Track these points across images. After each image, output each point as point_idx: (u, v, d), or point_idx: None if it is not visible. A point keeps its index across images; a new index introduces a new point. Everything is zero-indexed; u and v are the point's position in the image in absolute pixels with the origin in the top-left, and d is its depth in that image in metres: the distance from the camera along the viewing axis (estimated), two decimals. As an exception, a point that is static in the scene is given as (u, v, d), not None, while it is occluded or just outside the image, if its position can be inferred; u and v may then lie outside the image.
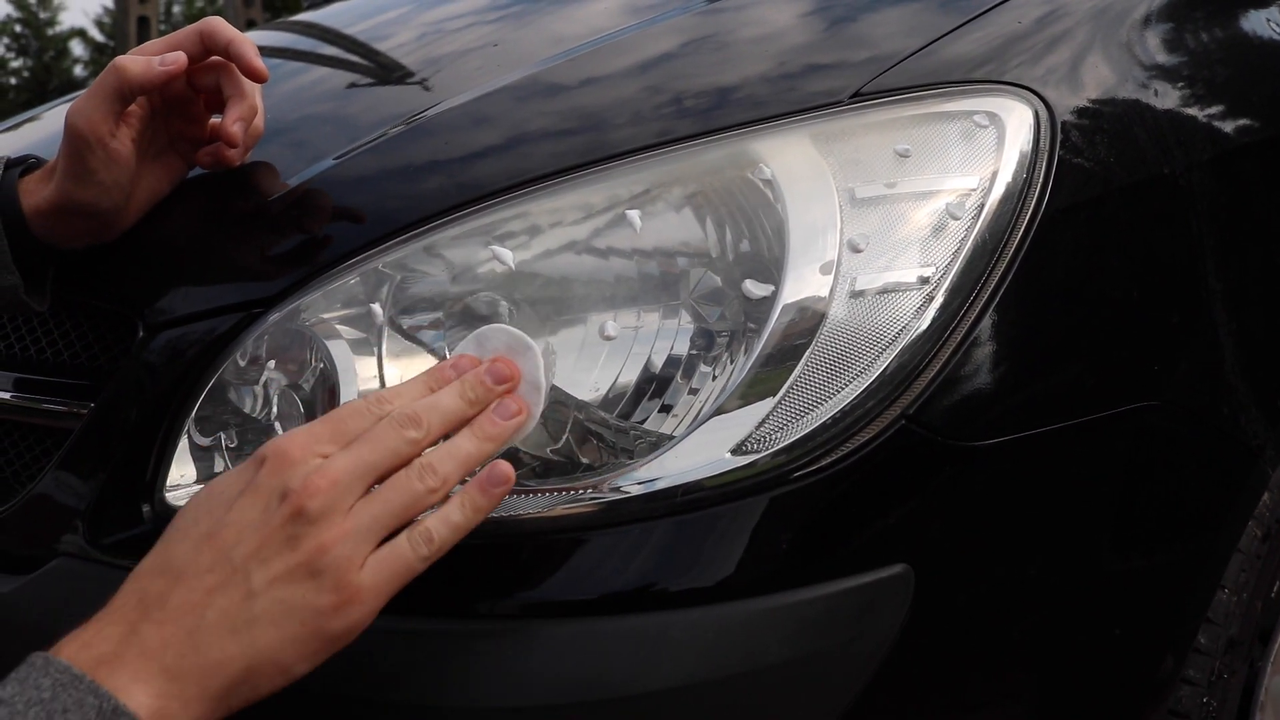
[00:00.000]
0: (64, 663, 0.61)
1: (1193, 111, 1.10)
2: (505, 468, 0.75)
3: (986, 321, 0.88)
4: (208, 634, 0.65)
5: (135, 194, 1.01)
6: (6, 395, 1.05)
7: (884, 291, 0.86)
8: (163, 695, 0.63)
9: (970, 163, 0.92)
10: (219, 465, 0.91)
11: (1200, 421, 1.02)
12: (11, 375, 1.06)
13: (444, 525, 0.72)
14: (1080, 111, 0.99)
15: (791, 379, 0.84)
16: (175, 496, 0.91)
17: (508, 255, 0.89)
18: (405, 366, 0.87)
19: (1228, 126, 1.13)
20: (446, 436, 0.76)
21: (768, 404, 0.84)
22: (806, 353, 0.84)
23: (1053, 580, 0.93)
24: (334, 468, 0.69)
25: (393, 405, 0.75)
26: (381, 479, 0.72)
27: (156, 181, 1.03)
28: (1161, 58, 1.12)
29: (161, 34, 1.06)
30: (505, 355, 0.80)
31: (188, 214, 1.05)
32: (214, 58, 1.00)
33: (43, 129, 1.62)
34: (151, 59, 0.95)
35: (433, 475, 0.72)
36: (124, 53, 0.99)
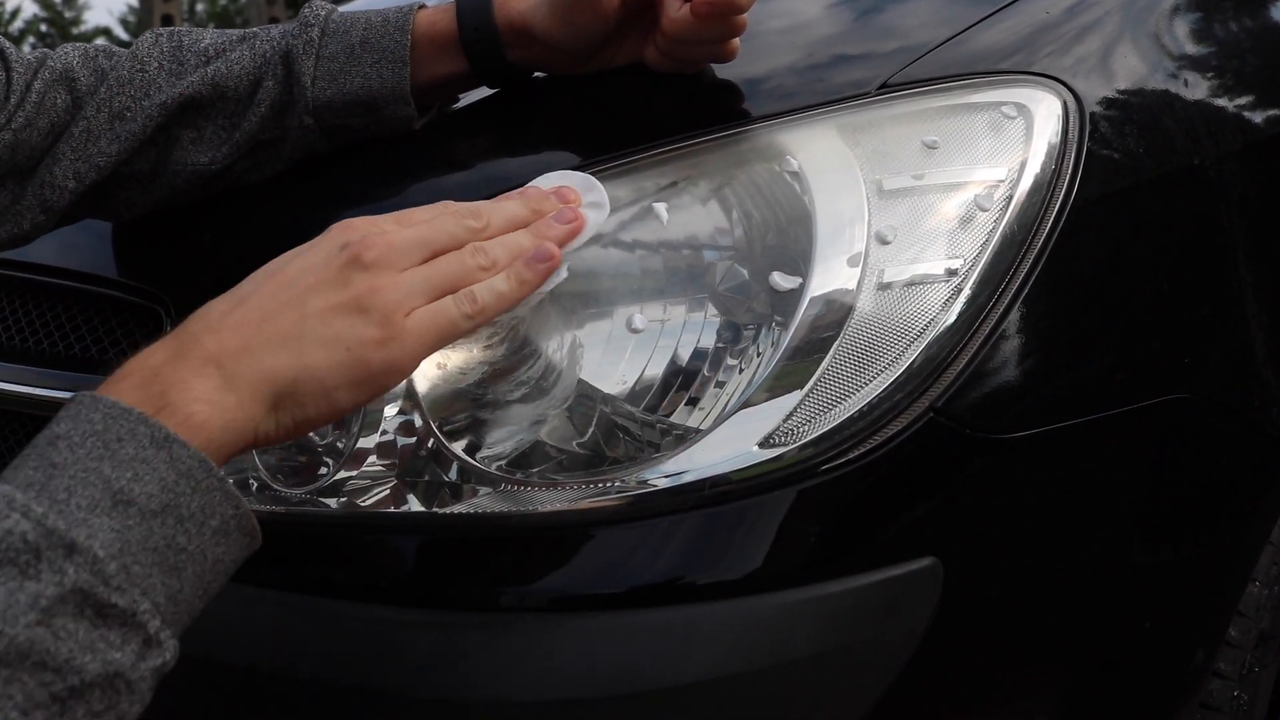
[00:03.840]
0: (110, 399, 0.64)
1: (1223, 102, 1.09)
2: (552, 247, 0.79)
3: (1015, 314, 0.87)
4: (263, 344, 0.69)
5: (606, 50, 1.02)
6: (28, 390, 1.05)
7: (912, 284, 0.86)
8: (220, 390, 0.67)
9: (998, 154, 0.91)
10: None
11: (1231, 414, 1.01)
12: (34, 370, 1.07)
13: (488, 291, 0.76)
14: (1109, 102, 0.98)
15: (819, 372, 0.84)
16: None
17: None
18: (432, 361, 0.87)
19: (1258, 117, 1.12)
20: None
21: (795, 397, 0.83)
22: (834, 345, 0.84)
23: (1082, 574, 0.92)
24: (393, 234, 0.74)
25: (461, 205, 0.80)
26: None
27: (633, 47, 1.03)
28: (1191, 48, 1.11)
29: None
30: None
31: (212, 207, 1.05)
32: None
33: None
34: None
35: (484, 255, 0.76)
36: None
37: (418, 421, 0.87)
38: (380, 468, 0.88)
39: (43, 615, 0.56)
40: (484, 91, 1.07)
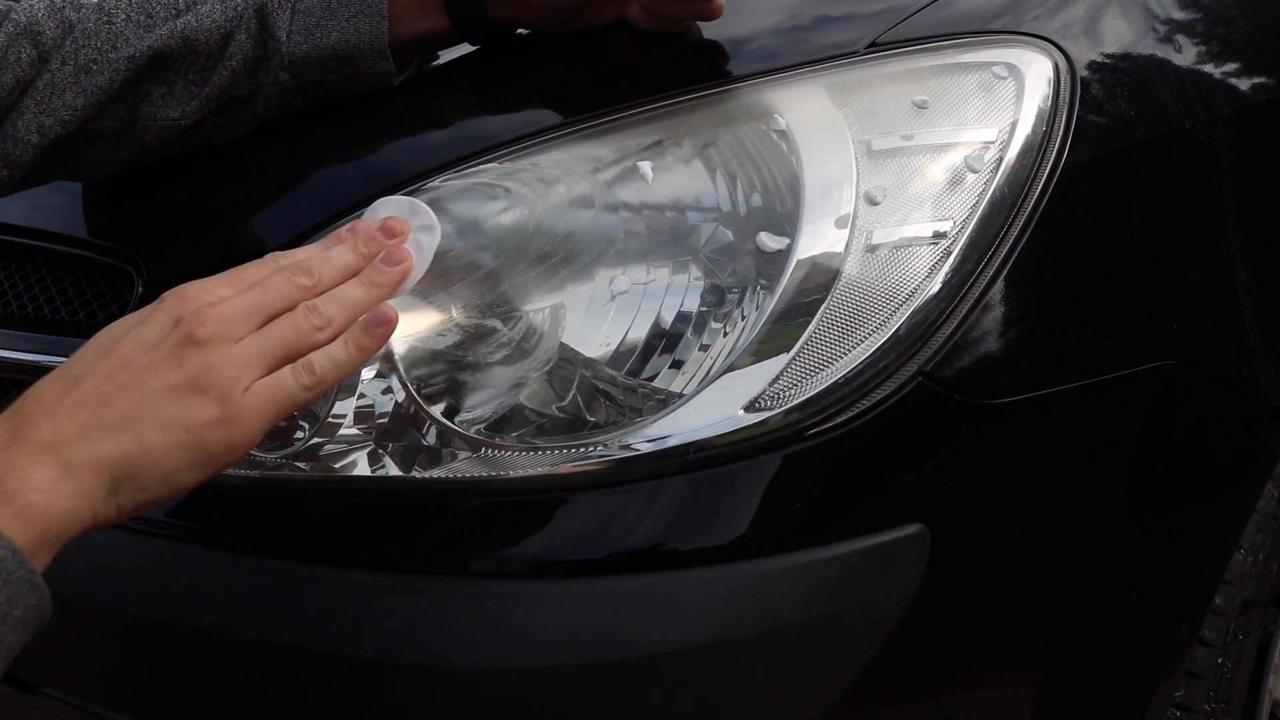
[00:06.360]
0: None
1: (1214, 66, 1.08)
2: (389, 310, 0.76)
3: (1004, 277, 0.86)
4: (99, 429, 0.67)
5: (591, 7, 1.01)
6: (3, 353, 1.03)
7: (901, 246, 0.84)
8: (57, 478, 0.65)
9: (989, 115, 0.90)
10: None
11: (1219, 381, 1.01)
12: (8, 333, 1.04)
13: (326, 359, 0.73)
14: (1100, 64, 0.96)
15: (806, 335, 0.82)
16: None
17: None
18: (410, 322, 0.85)
19: (1250, 82, 1.11)
20: None
21: (781, 360, 0.82)
22: (821, 308, 0.83)
23: (1070, 541, 0.91)
24: (226, 303, 0.72)
25: (290, 260, 0.77)
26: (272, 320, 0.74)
27: (617, 5, 1.01)
28: (1180, 12, 1.10)
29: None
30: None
31: (185, 166, 1.03)
32: None
33: None
34: None
35: (318, 315, 0.74)
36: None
37: (395, 384, 0.86)
38: (357, 431, 0.86)
39: None
40: (465, 48, 1.05)
